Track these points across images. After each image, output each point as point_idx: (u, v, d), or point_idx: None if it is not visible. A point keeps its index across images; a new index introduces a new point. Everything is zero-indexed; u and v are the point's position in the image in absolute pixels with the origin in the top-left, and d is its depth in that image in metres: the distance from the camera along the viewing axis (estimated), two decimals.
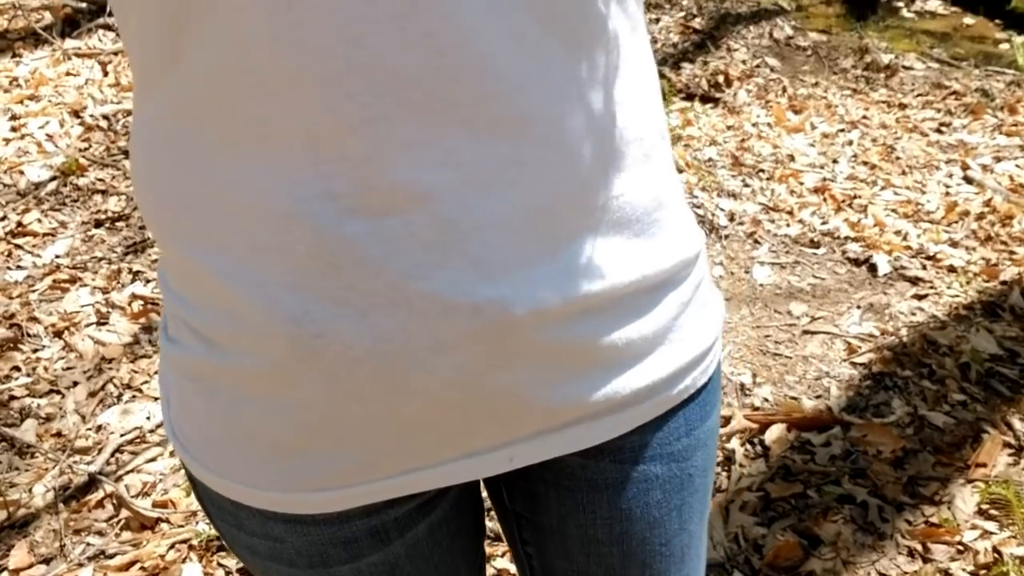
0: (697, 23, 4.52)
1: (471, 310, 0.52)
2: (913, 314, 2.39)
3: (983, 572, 1.65)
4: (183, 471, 0.72)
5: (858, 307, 2.43)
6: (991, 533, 1.72)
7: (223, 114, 0.50)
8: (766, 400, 2.09)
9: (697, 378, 0.67)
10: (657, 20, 4.52)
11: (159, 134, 0.55)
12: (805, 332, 2.34)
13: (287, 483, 0.59)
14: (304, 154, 0.49)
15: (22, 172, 3.05)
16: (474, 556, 0.77)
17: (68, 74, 3.69)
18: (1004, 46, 4.54)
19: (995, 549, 1.68)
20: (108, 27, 3.95)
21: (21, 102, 3.48)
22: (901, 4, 5.11)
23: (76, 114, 3.41)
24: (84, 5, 4.14)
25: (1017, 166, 3.19)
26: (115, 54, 3.82)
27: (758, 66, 4.14)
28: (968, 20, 4.90)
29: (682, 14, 4.61)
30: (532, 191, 0.52)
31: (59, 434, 2.04)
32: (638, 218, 0.58)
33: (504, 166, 0.51)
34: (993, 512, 1.77)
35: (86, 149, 3.20)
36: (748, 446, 1.95)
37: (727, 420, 2.00)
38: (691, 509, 0.71)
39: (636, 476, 0.67)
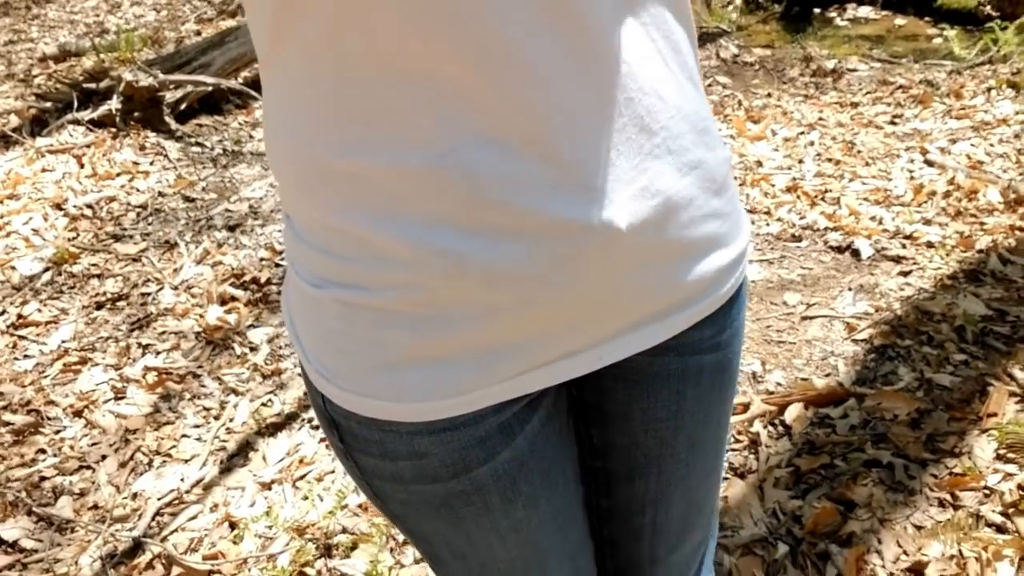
0: None
1: (583, 230, 0.63)
2: (902, 289, 2.49)
3: (1011, 510, 1.72)
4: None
5: (849, 289, 2.53)
6: (1012, 474, 1.80)
7: (359, 95, 0.60)
8: (779, 384, 2.17)
9: (739, 277, 0.79)
10: None
11: (297, 115, 0.64)
12: (804, 318, 2.43)
13: (426, 393, 0.68)
14: (432, 120, 0.59)
15: (13, 267, 3.09)
16: (574, 460, 0.87)
17: (44, 170, 3.74)
18: (937, 41, 4.74)
19: (1020, 487, 1.76)
20: (77, 122, 4.02)
21: (1, 202, 3.52)
22: (834, 14, 5.33)
23: (58, 207, 3.46)
24: (49, 104, 4.21)
25: (972, 145, 3.34)
26: (88, 146, 3.88)
27: (710, 85, 4.29)
28: (900, 21, 5.12)
29: None
30: (621, 126, 0.63)
31: (96, 506, 2.06)
32: (702, 129, 0.70)
33: (597, 109, 0.62)
34: (1011, 455, 1.85)
35: (74, 238, 3.24)
36: (770, 427, 2.02)
37: (746, 406, 2.07)
38: (725, 386, 0.86)
39: (692, 365, 0.81)
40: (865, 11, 5.30)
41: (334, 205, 0.64)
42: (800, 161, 3.37)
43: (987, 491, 1.78)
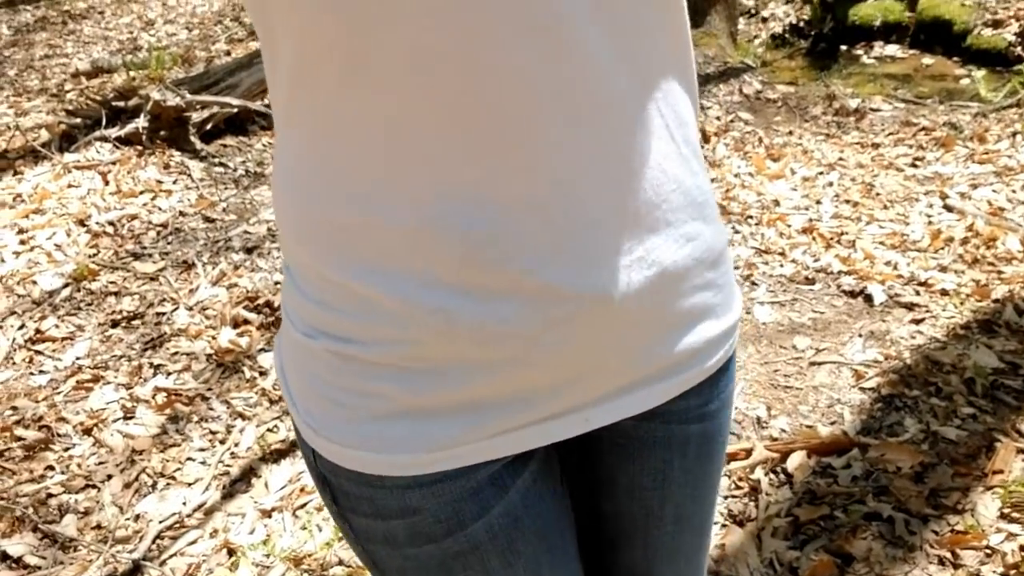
0: None
1: (576, 297, 0.64)
2: (913, 337, 2.48)
3: (1012, 571, 1.70)
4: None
5: (859, 336, 2.51)
6: (1016, 535, 1.78)
7: (358, 155, 0.62)
8: (783, 431, 2.16)
9: (728, 350, 0.79)
10: None
11: (300, 170, 0.66)
12: (812, 364, 2.41)
13: (413, 445, 0.68)
14: (429, 181, 0.61)
15: (35, 282, 3.13)
16: (569, 519, 0.86)
17: (70, 186, 3.80)
18: (964, 81, 4.73)
19: (1022, 549, 1.74)
20: (105, 139, 4.08)
21: (27, 216, 3.58)
22: (861, 52, 5.32)
23: (82, 223, 3.51)
24: (79, 120, 4.27)
25: (993, 191, 3.32)
26: (114, 163, 3.94)
27: (732, 121, 4.30)
28: (927, 60, 5.10)
29: None
30: (622, 195, 0.64)
31: (99, 526, 2.08)
32: (702, 203, 0.71)
33: (599, 178, 0.63)
34: (1015, 515, 1.83)
35: (95, 255, 3.29)
36: (772, 475, 2.01)
37: (748, 452, 2.06)
38: (712, 457, 0.86)
39: (679, 434, 0.82)
40: (892, 49, 5.29)
41: (330, 257, 0.65)
42: (818, 202, 3.37)
43: (989, 551, 1.76)
